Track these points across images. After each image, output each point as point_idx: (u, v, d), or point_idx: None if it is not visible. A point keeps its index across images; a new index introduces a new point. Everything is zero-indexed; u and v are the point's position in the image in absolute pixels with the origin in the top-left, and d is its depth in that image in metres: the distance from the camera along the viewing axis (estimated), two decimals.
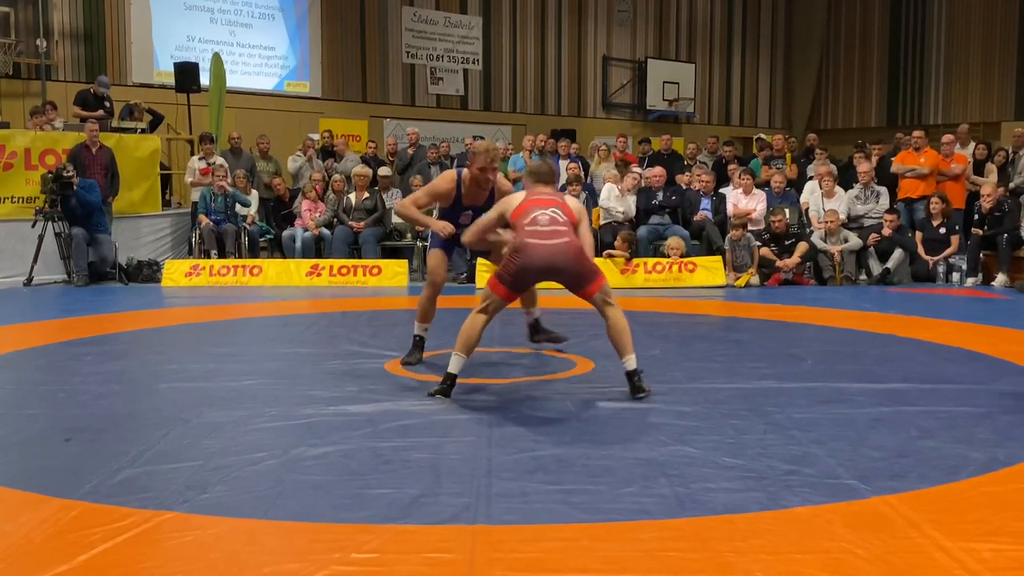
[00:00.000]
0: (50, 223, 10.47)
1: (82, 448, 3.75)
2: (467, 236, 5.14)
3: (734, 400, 4.57)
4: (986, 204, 10.67)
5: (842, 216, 10.88)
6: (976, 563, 2.53)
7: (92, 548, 2.66)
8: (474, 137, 14.04)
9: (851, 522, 2.85)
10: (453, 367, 4.62)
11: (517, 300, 5.15)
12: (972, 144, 12.54)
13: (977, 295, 9.71)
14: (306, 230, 11.37)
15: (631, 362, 4.63)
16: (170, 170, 13.63)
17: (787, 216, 10.58)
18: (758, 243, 10.51)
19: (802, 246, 10.31)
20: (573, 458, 3.56)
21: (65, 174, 10.35)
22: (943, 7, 20.18)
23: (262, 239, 11.95)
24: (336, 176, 12.00)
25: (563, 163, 12.57)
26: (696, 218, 11.27)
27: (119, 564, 2.58)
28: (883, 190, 11.35)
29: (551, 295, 6.11)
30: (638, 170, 12.36)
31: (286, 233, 11.59)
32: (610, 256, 10.30)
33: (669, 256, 10.54)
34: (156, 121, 13.32)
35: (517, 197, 4.87)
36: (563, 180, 11.72)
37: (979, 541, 2.68)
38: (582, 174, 12.31)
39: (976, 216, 10.92)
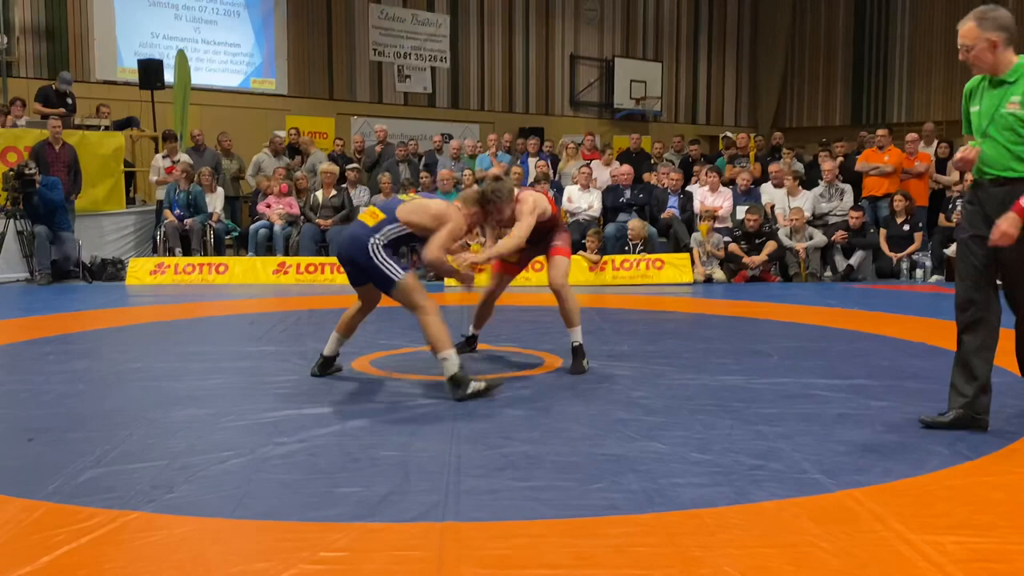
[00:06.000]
0: (12, 221, 10.32)
1: (45, 448, 3.70)
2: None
3: (701, 396, 4.59)
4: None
5: (807, 214, 10.98)
6: (940, 556, 2.56)
7: (56, 549, 2.62)
8: (442, 135, 14.01)
9: (817, 516, 2.87)
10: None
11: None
12: (935, 142, 12.68)
13: (940, 291, 9.82)
14: (269, 224, 11.31)
15: None
16: (134, 167, 13.48)
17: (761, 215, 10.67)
18: (727, 239, 10.58)
19: (771, 245, 10.39)
20: (542, 455, 3.56)
21: (27, 171, 10.21)
22: (906, 7, 20.42)
23: (227, 236, 11.85)
24: (299, 173, 11.93)
25: (532, 161, 12.58)
26: (664, 215, 11.32)
27: (83, 565, 2.54)
28: (847, 188, 11.47)
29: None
30: (608, 169, 12.41)
31: (252, 227, 11.52)
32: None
33: (629, 237, 10.61)
34: (126, 123, 13.17)
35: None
36: (531, 178, 11.76)
37: (943, 534, 2.71)
38: (550, 172, 12.33)
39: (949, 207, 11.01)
